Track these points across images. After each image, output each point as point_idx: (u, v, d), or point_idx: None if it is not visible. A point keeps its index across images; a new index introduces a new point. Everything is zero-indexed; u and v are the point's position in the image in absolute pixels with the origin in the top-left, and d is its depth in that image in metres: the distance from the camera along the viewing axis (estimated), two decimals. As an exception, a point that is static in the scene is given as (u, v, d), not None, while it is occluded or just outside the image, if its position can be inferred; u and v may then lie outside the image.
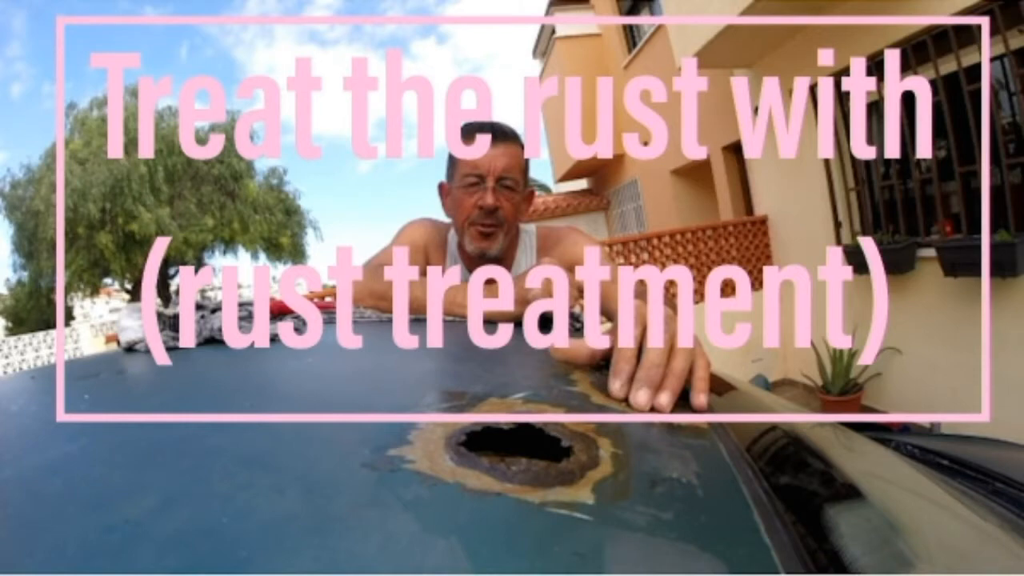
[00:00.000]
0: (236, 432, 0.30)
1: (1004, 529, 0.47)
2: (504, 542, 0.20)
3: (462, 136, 0.93)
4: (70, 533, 0.20)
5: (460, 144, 0.92)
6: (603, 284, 0.60)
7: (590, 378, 0.39)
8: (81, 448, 0.29)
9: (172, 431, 0.31)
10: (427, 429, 0.28)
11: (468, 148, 0.90)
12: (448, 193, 1.00)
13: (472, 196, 0.92)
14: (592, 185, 9.56)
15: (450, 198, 0.99)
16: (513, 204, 0.94)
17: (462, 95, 0.82)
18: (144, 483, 0.24)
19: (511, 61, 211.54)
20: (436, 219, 1.09)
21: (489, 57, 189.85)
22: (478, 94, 0.79)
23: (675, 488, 0.24)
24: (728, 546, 0.21)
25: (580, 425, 0.30)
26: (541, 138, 6.88)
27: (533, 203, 1.06)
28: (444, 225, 1.07)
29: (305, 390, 0.42)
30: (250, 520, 0.21)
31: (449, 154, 0.98)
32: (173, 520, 0.21)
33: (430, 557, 0.19)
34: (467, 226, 0.94)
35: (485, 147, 0.90)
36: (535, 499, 0.22)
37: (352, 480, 0.24)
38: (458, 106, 0.86)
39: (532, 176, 1.07)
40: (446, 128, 0.94)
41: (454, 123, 0.95)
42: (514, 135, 0.95)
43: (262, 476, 0.25)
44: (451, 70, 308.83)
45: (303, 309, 0.63)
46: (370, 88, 0.67)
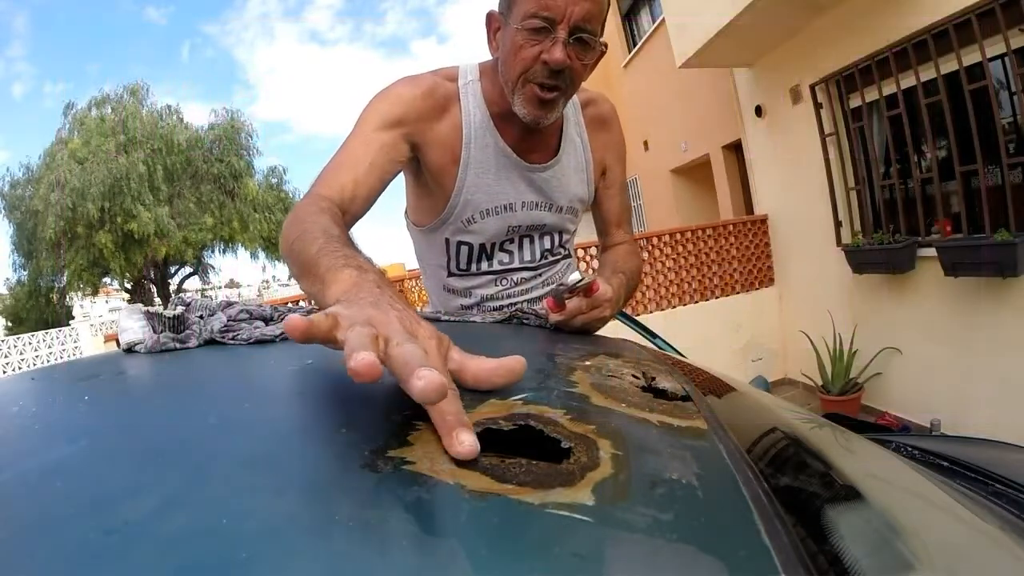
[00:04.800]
0: (236, 433, 0.30)
1: (1004, 530, 0.47)
2: (504, 543, 0.20)
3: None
4: (70, 535, 0.20)
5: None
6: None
7: (590, 379, 0.39)
8: (81, 449, 0.29)
9: (172, 432, 0.31)
10: (427, 430, 0.28)
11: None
12: (499, 29, 0.77)
13: (536, 45, 0.71)
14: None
15: (502, 37, 0.76)
16: (585, 65, 0.74)
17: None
18: (144, 485, 0.24)
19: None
20: (431, 73, 0.83)
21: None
22: None
23: (675, 489, 0.24)
24: (728, 548, 0.21)
25: (580, 426, 0.30)
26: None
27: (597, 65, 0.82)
28: (447, 79, 0.83)
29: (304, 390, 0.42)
30: (250, 521, 0.21)
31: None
32: (173, 522, 0.21)
33: (430, 558, 0.19)
34: (521, 83, 0.74)
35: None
36: (535, 500, 0.22)
37: (352, 481, 0.24)
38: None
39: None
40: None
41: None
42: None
43: (262, 477, 0.25)
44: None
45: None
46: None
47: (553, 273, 0.97)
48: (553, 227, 0.93)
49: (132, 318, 0.54)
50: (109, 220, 10.08)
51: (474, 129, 0.82)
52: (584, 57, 0.73)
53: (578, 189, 0.91)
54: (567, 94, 0.76)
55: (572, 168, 0.90)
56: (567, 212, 0.92)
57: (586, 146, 0.91)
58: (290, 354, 0.50)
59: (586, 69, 0.76)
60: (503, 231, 0.89)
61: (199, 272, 13.58)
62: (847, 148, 3.49)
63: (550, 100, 0.74)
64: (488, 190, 0.85)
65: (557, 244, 0.95)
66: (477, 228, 0.87)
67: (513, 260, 0.93)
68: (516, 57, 0.73)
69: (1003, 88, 2.62)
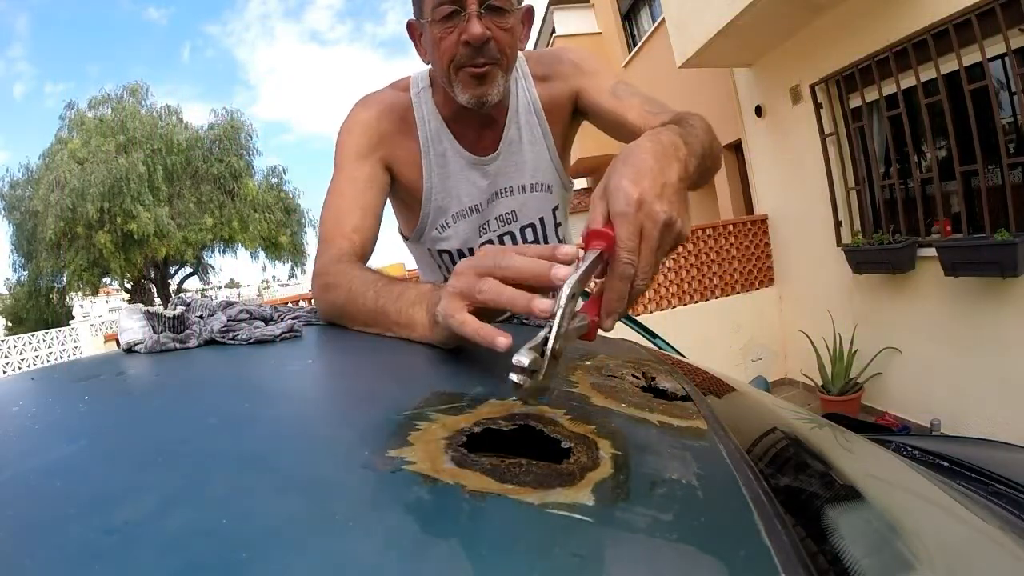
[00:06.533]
0: (236, 433, 0.30)
1: (1004, 530, 0.47)
2: (504, 543, 0.20)
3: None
4: (70, 535, 0.20)
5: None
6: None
7: (590, 379, 0.39)
8: (81, 449, 0.29)
9: (172, 432, 0.31)
10: (427, 430, 0.28)
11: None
12: (421, 34, 0.77)
13: (453, 31, 0.70)
14: (592, 184, 9.57)
15: (424, 39, 0.76)
16: (509, 31, 0.72)
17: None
18: (144, 484, 0.24)
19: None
20: (389, 87, 0.86)
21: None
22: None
23: (675, 489, 0.24)
24: (728, 548, 0.21)
25: (580, 426, 0.30)
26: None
27: (532, 23, 0.81)
28: (401, 90, 0.85)
29: (304, 391, 0.42)
30: (250, 522, 0.21)
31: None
32: (173, 522, 0.21)
33: (430, 558, 0.19)
34: (453, 71, 0.72)
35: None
36: (535, 500, 0.22)
37: (352, 481, 0.24)
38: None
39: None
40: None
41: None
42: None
43: (262, 477, 0.25)
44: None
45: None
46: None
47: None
48: (527, 214, 0.89)
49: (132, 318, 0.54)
50: (109, 220, 10.09)
51: (430, 136, 0.83)
52: (503, 23, 0.71)
53: (540, 161, 0.87)
54: (502, 65, 0.73)
55: (527, 143, 0.86)
56: (533, 190, 0.88)
57: (539, 113, 0.86)
58: (290, 354, 0.50)
59: (513, 35, 0.73)
60: (475, 232, 0.88)
61: (199, 272, 13.59)
62: (847, 148, 3.49)
63: (485, 75, 0.72)
64: (451, 193, 0.85)
65: (542, 238, 0.92)
66: (451, 234, 0.88)
67: None
68: (440, 50, 0.72)
69: (1003, 88, 2.62)
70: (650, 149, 0.42)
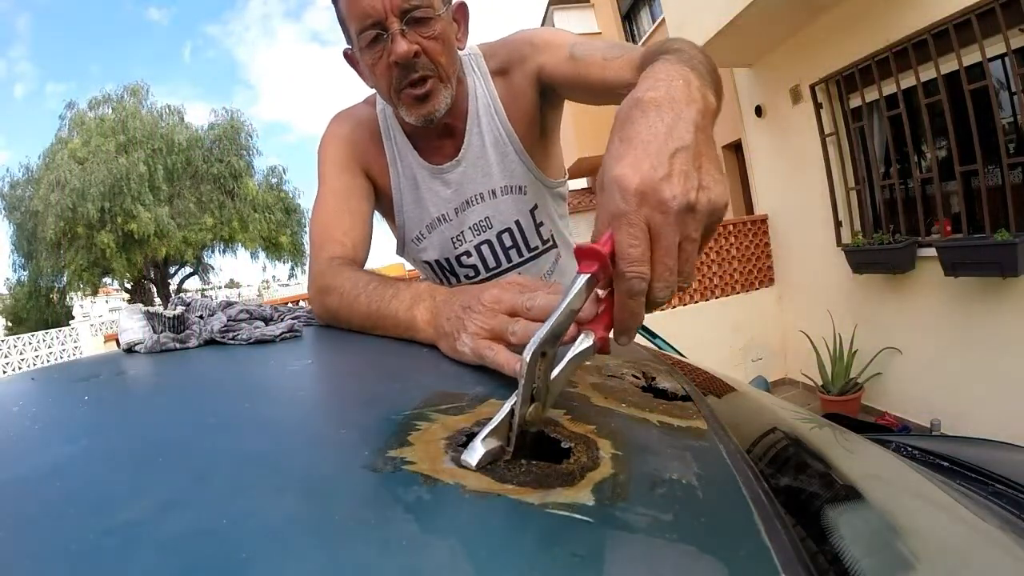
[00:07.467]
0: (236, 433, 0.30)
1: (1004, 530, 0.47)
2: (504, 544, 0.20)
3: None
4: (70, 535, 0.20)
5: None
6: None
7: (590, 379, 0.39)
8: (81, 449, 0.29)
9: (172, 432, 0.31)
10: (427, 430, 0.28)
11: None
12: (358, 62, 0.76)
13: (381, 54, 0.69)
14: (593, 184, 9.57)
15: (361, 67, 0.75)
16: (439, 38, 0.70)
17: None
18: (144, 485, 0.24)
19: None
20: (362, 102, 0.87)
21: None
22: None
23: (675, 490, 0.24)
24: (728, 548, 0.21)
25: (580, 426, 0.30)
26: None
27: (468, 17, 0.78)
28: (371, 104, 0.85)
29: (304, 391, 0.42)
30: (250, 521, 0.21)
31: (335, 7, 0.73)
32: (173, 521, 0.21)
33: (430, 559, 0.19)
34: (395, 95, 0.72)
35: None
36: (535, 500, 0.22)
37: (352, 481, 0.24)
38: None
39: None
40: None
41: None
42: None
43: (262, 478, 0.25)
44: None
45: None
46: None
47: (540, 270, 0.92)
48: (501, 219, 0.86)
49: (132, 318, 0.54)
50: (109, 220, 10.09)
51: (396, 150, 0.83)
52: (429, 31, 0.69)
53: (507, 162, 0.83)
54: (441, 76, 0.72)
55: (490, 145, 0.82)
56: (504, 193, 0.84)
57: (499, 112, 0.82)
58: (290, 354, 0.50)
59: (443, 41, 0.70)
60: (449, 243, 0.87)
61: (199, 272, 13.59)
62: (847, 148, 3.49)
63: (426, 94, 0.71)
64: (421, 205, 0.86)
65: (521, 241, 0.88)
66: (427, 245, 0.88)
67: (479, 272, 0.89)
68: (376, 76, 0.72)
69: (1003, 88, 2.62)
70: (649, 104, 0.33)
